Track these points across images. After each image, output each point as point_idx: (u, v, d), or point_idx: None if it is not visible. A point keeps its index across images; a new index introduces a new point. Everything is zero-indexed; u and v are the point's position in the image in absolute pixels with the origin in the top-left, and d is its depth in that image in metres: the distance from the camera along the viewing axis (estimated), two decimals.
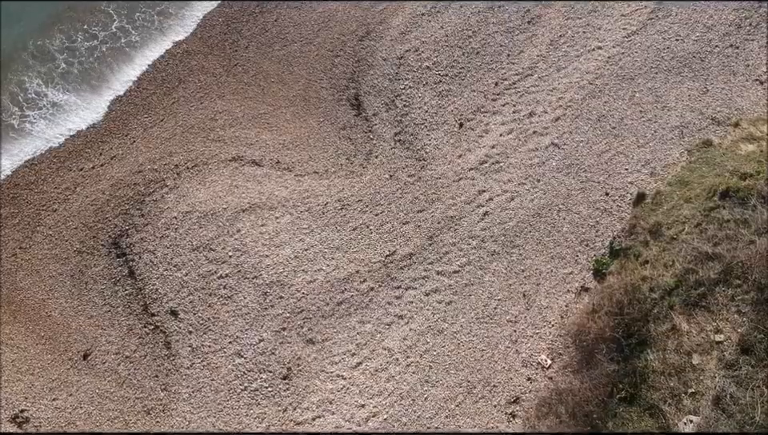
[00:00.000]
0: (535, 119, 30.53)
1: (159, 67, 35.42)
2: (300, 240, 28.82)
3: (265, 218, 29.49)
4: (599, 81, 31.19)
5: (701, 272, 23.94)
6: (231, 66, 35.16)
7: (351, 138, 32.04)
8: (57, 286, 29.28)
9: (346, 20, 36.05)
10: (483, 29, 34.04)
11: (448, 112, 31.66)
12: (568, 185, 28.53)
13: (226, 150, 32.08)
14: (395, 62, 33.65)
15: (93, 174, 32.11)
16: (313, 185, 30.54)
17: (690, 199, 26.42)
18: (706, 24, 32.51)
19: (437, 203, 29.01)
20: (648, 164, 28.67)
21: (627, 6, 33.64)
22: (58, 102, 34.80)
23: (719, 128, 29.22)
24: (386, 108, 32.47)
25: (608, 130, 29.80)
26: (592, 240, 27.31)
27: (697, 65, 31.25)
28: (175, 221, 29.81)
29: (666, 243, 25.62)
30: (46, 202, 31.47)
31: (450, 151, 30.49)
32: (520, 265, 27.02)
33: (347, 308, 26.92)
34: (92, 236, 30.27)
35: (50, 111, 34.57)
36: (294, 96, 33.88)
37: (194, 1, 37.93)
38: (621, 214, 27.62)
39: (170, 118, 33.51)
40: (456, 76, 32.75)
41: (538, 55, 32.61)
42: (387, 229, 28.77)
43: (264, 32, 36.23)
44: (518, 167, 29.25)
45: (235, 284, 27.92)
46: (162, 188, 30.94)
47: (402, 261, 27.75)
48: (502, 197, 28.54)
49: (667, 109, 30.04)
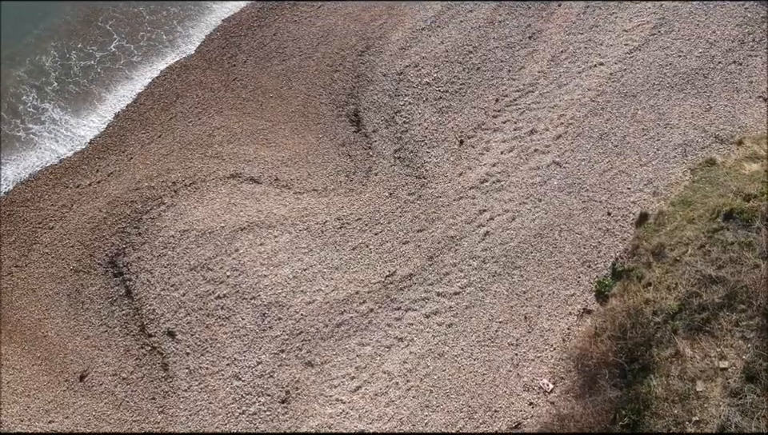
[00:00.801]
0: (536, 137, 30.22)
1: (157, 82, 35.13)
2: (299, 259, 28.51)
3: (263, 237, 29.18)
4: (601, 99, 30.89)
5: (704, 296, 23.67)
6: (230, 81, 34.85)
7: (350, 155, 31.73)
8: (53, 306, 28.97)
9: (345, 34, 35.74)
10: (484, 45, 33.74)
11: (448, 129, 31.35)
12: (570, 205, 28.23)
13: (224, 167, 31.76)
14: (395, 78, 33.35)
15: (90, 191, 31.78)
16: (312, 203, 30.23)
17: (693, 220, 26.14)
18: (708, 40, 32.20)
19: (437, 222, 28.71)
20: (651, 183, 28.37)
21: (629, 22, 33.34)
22: (56, 117, 34.51)
23: (722, 146, 28.93)
24: (386, 124, 32.16)
25: (610, 148, 29.51)
26: (594, 261, 27.00)
27: (700, 81, 30.96)
28: (173, 240, 29.50)
29: (669, 265, 25.33)
30: (42, 220, 31.16)
31: (450, 169, 30.17)
32: (521, 286, 26.71)
33: (347, 330, 26.61)
34: (89, 254, 29.96)
35: (47, 125, 34.28)
36: (292, 111, 33.57)
37: (200, 19, 37.76)
38: (623, 235, 27.32)
39: (168, 134, 33.19)
40: (456, 92, 32.43)
41: (539, 71, 32.30)
42: (387, 248, 28.46)
43: (262, 46, 35.91)
44: (519, 186, 28.94)
45: (233, 305, 27.60)
46: (159, 206, 30.64)
47: (401, 281, 27.44)
48: (503, 217, 28.23)
49: (670, 127, 29.74)
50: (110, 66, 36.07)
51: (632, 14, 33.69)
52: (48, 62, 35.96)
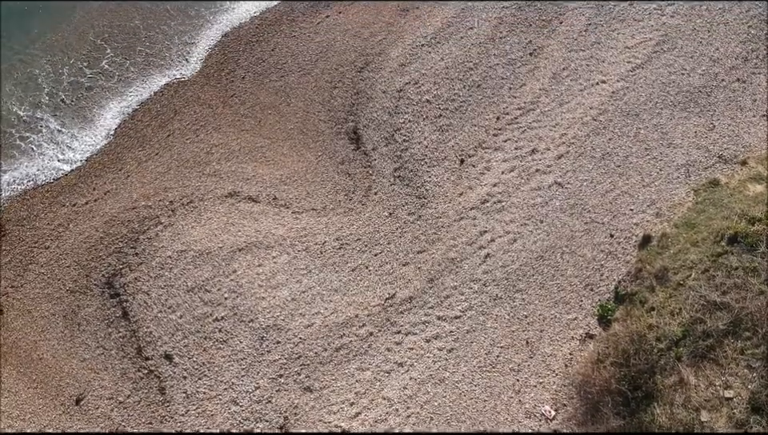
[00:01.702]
0: (538, 156, 29.86)
1: (154, 98, 34.80)
2: (297, 281, 28.17)
3: (261, 258, 28.84)
4: (603, 117, 30.52)
5: (709, 322, 23.33)
6: (228, 97, 34.50)
7: (350, 173, 31.37)
8: (49, 327, 28.61)
9: (344, 50, 35.39)
10: (484, 62, 33.38)
11: (448, 147, 31.00)
12: (572, 227, 27.87)
13: (222, 186, 31.42)
14: (395, 95, 33.00)
15: (86, 210, 31.44)
16: (311, 223, 29.88)
17: (696, 243, 25.79)
18: (712, 57, 31.85)
19: (437, 244, 28.36)
20: (654, 204, 28.01)
21: (632, 38, 32.97)
22: (51, 132, 34.18)
23: (726, 166, 28.57)
24: (386, 142, 31.81)
25: (612, 169, 29.14)
26: (596, 284, 26.64)
27: (703, 100, 30.60)
28: (170, 261, 29.16)
29: (673, 289, 24.97)
30: (38, 239, 30.81)
31: (450, 189, 29.82)
32: (523, 310, 26.35)
33: (346, 354, 26.26)
34: (85, 275, 29.60)
35: (43, 141, 33.98)
36: (291, 128, 33.23)
37: (198, 33, 37.44)
38: (626, 257, 26.95)
39: (165, 152, 32.85)
40: (456, 110, 32.09)
41: (540, 89, 31.94)
42: (387, 270, 28.12)
43: (261, 62, 35.57)
44: (520, 207, 28.59)
45: (231, 327, 27.26)
46: (156, 225, 30.29)
47: (401, 304, 27.09)
48: (504, 239, 27.87)
49: (673, 147, 29.38)
50: (103, 83, 35.73)
51: (634, 31, 33.33)
52: (42, 77, 35.62)
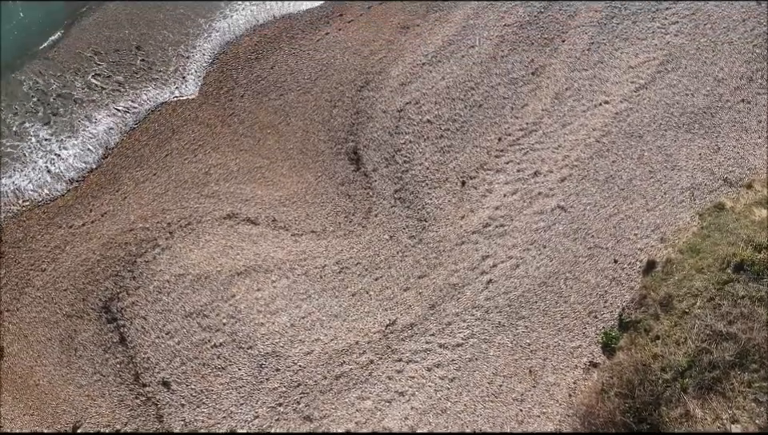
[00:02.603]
0: (540, 179, 29.46)
1: (152, 117, 34.35)
2: (297, 306, 27.78)
3: (260, 282, 28.44)
4: (606, 139, 30.12)
5: (715, 353, 22.96)
6: (226, 116, 34.10)
7: (350, 195, 30.97)
8: (45, 352, 28.20)
9: (344, 68, 34.95)
10: (486, 81, 32.95)
11: (450, 169, 30.59)
12: (575, 252, 27.47)
13: (221, 207, 31.02)
14: (395, 115, 32.59)
15: (83, 232, 31.03)
16: (310, 246, 29.48)
17: (702, 269, 25.42)
18: (716, 77, 31.45)
19: (439, 268, 27.97)
20: (658, 229, 27.62)
21: (635, 58, 32.54)
22: (48, 151, 33.81)
23: (731, 189, 28.19)
24: (386, 163, 31.41)
25: (616, 192, 28.74)
26: (600, 311, 26.26)
27: (707, 121, 30.20)
28: (168, 285, 28.76)
29: (678, 317, 24.61)
30: (34, 262, 30.39)
31: (452, 211, 29.43)
32: (526, 338, 25.96)
33: (346, 382, 25.87)
34: (82, 299, 29.19)
35: (40, 157, 33.62)
36: (290, 148, 32.82)
37: (195, 46, 37.07)
38: (630, 283, 26.57)
39: (163, 172, 32.44)
40: (458, 130, 31.69)
41: (542, 109, 31.54)
42: (387, 295, 27.73)
43: (260, 80, 35.15)
44: (522, 231, 28.19)
45: (229, 354, 26.86)
46: (154, 248, 29.88)
47: (402, 331, 26.70)
48: (507, 264, 27.47)
49: (677, 170, 28.99)
50: (96, 99, 35.43)
51: (638, 50, 32.91)
52: (34, 91, 35.34)
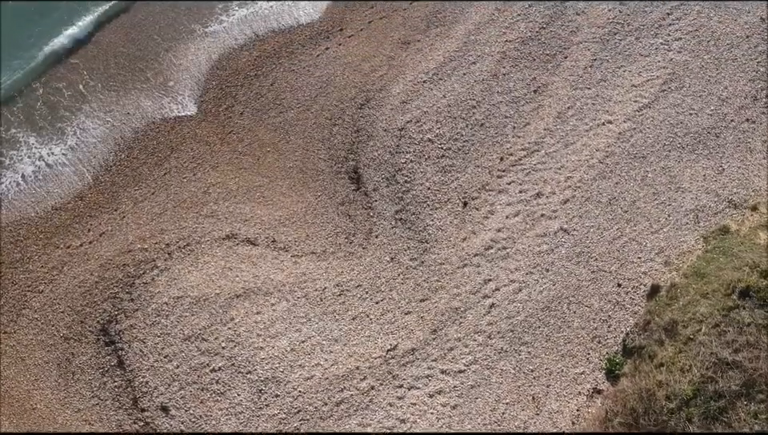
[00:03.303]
0: (543, 200, 29.15)
1: (150, 135, 34.04)
2: (297, 330, 27.46)
3: (260, 305, 28.13)
4: (610, 160, 29.79)
5: (720, 382, 22.64)
6: (225, 134, 33.79)
7: (350, 215, 30.67)
8: (43, 376, 27.90)
9: (344, 86, 34.62)
10: (487, 99, 32.61)
11: (451, 189, 30.28)
12: (578, 276, 27.17)
13: (220, 227, 30.70)
14: (396, 134, 32.25)
15: (81, 253, 30.72)
16: (310, 268, 29.17)
17: (706, 294, 25.10)
18: (720, 96, 31.13)
19: (440, 292, 27.66)
20: (662, 252, 27.32)
21: (638, 76, 32.20)
22: (44, 169, 33.55)
23: (736, 211, 27.89)
24: (387, 183, 31.10)
25: (619, 214, 28.43)
26: (604, 336, 25.97)
27: (712, 141, 29.89)
28: (166, 307, 28.44)
29: (683, 344, 24.29)
30: (32, 283, 30.08)
31: (453, 233, 29.10)
32: (529, 364, 25.66)
33: (347, 408, 25.57)
34: (79, 321, 28.88)
35: (36, 174, 33.42)
36: (290, 167, 32.51)
37: (189, 60, 36.84)
38: (634, 308, 26.28)
39: (162, 191, 32.13)
40: (459, 150, 31.36)
41: (544, 129, 31.20)
42: (388, 319, 27.42)
43: (259, 97, 34.83)
44: (525, 254, 27.89)
45: (228, 379, 26.56)
46: (152, 269, 29.56)
47: (404, 356, 26.39)
48: (509, 288, 27.16)
49: (681, 191, 28.68)
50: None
51: (641, 68, 32.57)
52: (27, 105, 35.25)
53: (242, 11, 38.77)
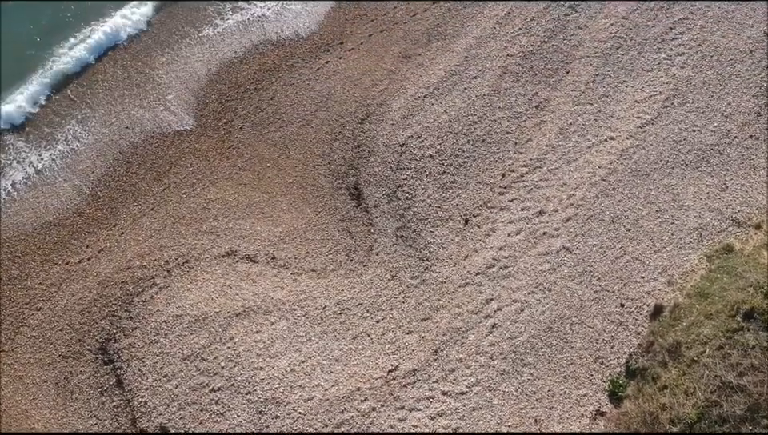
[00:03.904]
0: (545, 218, 28.90)
1: (149, 149, 33.76)
2: (297, 349, 27.22)
3: (259, 324, 27.88)
4: (612, 178, 29.53)
5: (725, 406, 22.45)
6: (225, 149, 33.52)
7: (351, 232, 30.42)
8: (41, 395, 27.64)
9: (344, 100, 34.35)
10: (489, 114, 32.34)
11: (453, 206, 30.02)
12: (581, 295, 26.93)
13: (219, 244, 30.45)
14: (397, 149, 31.98)
15: (79, 269, 30.45)
16: (310, 286, 28.93)
17: (710, 315, 24.88)
18: (723, 112, 30.88)
19: (442, 311, 27.42)
20: (665, 271, 27.08)
21: (641, 92, 31.92)
22: (42, 185, 33.28)
23: (740, 230, 27.65)
24: (388, 199, 30.85)
25: (622, 233, 28.19)
26: (607, 357, 25.73)
27: (715, 158, 29.64)
28: (165, 326, 28.19)
29: (687, 366, 24.09)
30: (30, 300, 29.83)
31: (455, 251, 28.85)
32: (531, 386, 25.42)
33: (347, 430, 25.26)
34: (78, 339, 28.62)
35: (34, 190, 33.14)
36: (290, 183, 32.26)
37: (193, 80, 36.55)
38: (637, 328, 26.04)
39: (161, 207, 31.87)
40: (461, 166, 31.10)
41: (546, 145, 30.93)
42: (389, 338, 27.18)
43: (259, 111, 34.57)
44: (527, 273, 27.64)
45: (228, 399, 26.31)
46: (151, 287, 29.31)
47: (405, 377, 26.15)
48: (511, 308, 26.91)
49: (685, 209, 28.43)
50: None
51: (643, 83, 32.31)
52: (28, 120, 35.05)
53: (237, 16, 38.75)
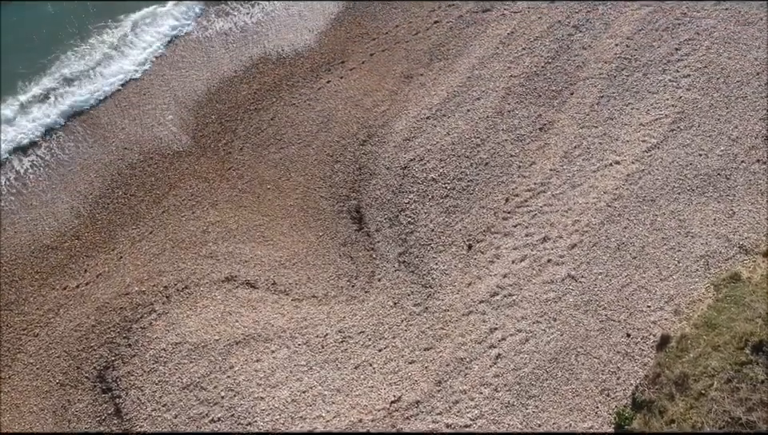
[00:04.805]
0: (549, 245, 28.47)
1: (148, 171, 33.34)
2: (298, 379, 26.80)
3: (260, 352, 27.48)
4: (618, 203, 29.10)
5: None
6: (225, 170, 33.11)
7: (352, 257, 30.01)
8: (38, 424, 27.21)
9: (346, 121, 33.94)
10: (492, 137, 31.91)
11: (456, 231, 29.60)
12: (587, 325, 26.50)
13: (219, 269, 30.04)
14: (399, 172, 31.58)
15: (77, 294, 30.06)
16: (311, 313, 28.52)
17: (718, 347, 24.44)
18: (730, 136, 30.44)
19: (445, 340, 27.00)
20: (672, 300, 26.66)
21: (647, 114, 31.49)
22: (40, 208, 32.91)
23: (747, 257, 27.23)
24: (390, 223, 30.43)
25: (628, 261, 27.75)
26: (613, 389, 25.30)
27: (722, 183, 29.19)
28: (164, 354, 27.79)
29: (694, 399, 23.63)
30: (27, 326, 29.44)
31: (458, 277, 28.44)
32: (536, 419, 24.99)
33: None
34: (76, 367, 28.22)
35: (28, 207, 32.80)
36: (291, 205, 31.85)
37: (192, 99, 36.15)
38: (643, 359, 25.61)
39: (160, 230, 31.46)
40: (464, 190, 30.68)
41: (550, 169, 30.49)
42: (392, 368, 26.76)
43: (259, 132, 34.16)
44: (532, 302, 27.22)
45: (228, 430, 25.86)
46: (150, 313, 28.91)
47: (408, 409, 25.71)
48: (516, 338, 26.48)
49: (691, 236, 28.00)
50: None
51: (649, 106, 31.86)
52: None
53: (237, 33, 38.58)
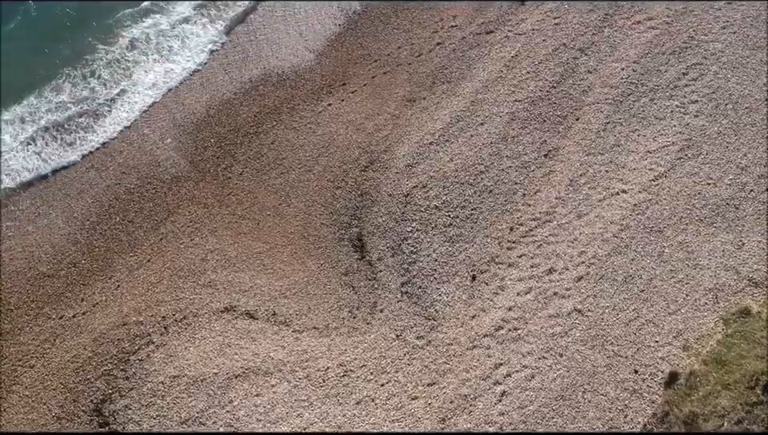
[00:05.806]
0: (555, 277, 27.88)
1: (146, 196, 32.78)
2: (298, 415, 26.26)
3: (260, 386, 26.93)
4: (625, 234, 28.48)
5: None
6: (224, 196, 32.53)
7: (354, 286, 29.44)
8: None
9: (347, 145, 33.35)
10: (496, 164, 31.32)
11: (459, 261, 29.03)
12: (593, 361, 25.93)
13: (218, 298, 29.48)
14: (401, 200, 30.99)
15: (74, 324, 29.50)
16: (312, 345, 27.96)
17: (728, 385, 23.90)
18: (739, 164, 29.84)
19: (449, 375, 26.44)
20: (680, 335, 26.08)
21: (653, 141, 30.84)
22: (33, 234, 32.38)
23: (757, 290, 26.66)
24: (392, 252, 29.86)
25: (636, 294, 27.17)
26: (620, 427, 24.72)
27: (731, 213, 28.60)
28: (162, 387, 27.24)
29: None
30: (22, 357, 28.90)
31: (462, 310, 27.86)
32: None
33: None
34: (72, 400, 27.68)
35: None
36: (291, 233, 31.28)
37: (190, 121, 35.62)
38: (652, 396, 25.05)
39: (158, 258, 30.89)
40: (467, 218, 30.11)
41: (556, 197, 29.88)
42: (394, 404, 26.20)
43: (259, 156, 33.59)
44: (538, 336, 26.64)
45: None
46: (148, 345, 28.37)
47: None
48: (521, 374, 25.91)
49: (699, 268, 27.40)
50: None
51: (656, 133, 31.23)
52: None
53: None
